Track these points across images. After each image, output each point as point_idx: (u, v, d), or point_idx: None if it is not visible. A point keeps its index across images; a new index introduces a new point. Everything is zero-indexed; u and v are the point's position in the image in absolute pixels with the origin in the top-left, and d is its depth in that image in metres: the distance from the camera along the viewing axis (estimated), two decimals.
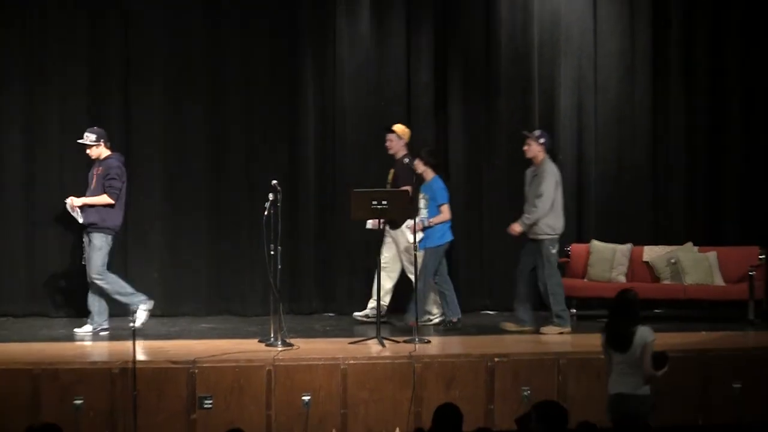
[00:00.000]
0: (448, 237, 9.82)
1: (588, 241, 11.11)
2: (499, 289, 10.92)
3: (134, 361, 7.57)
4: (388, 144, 10.32)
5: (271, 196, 8.72)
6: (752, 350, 8.74)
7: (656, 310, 11.00)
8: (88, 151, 9.63)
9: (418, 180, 9.89)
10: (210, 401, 7.84)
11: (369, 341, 8.86)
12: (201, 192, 10.94)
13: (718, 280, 10.61)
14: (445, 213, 9.81)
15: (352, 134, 11.11)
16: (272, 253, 8.72)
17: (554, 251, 9.59)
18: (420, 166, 9.87)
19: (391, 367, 8.12)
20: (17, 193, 10.68)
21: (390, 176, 10.29)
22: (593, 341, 9.06)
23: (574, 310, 10.76)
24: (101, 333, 9.47)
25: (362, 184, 9.89)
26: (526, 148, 9.70)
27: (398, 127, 10.35)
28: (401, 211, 9.15)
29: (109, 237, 9.49)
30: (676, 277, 10.64)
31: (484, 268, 11.17)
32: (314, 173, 11.09)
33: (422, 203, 9.85)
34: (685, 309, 10.72)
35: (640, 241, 11.04)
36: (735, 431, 8.24)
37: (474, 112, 11.31)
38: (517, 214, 9.72)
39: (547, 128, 11.33)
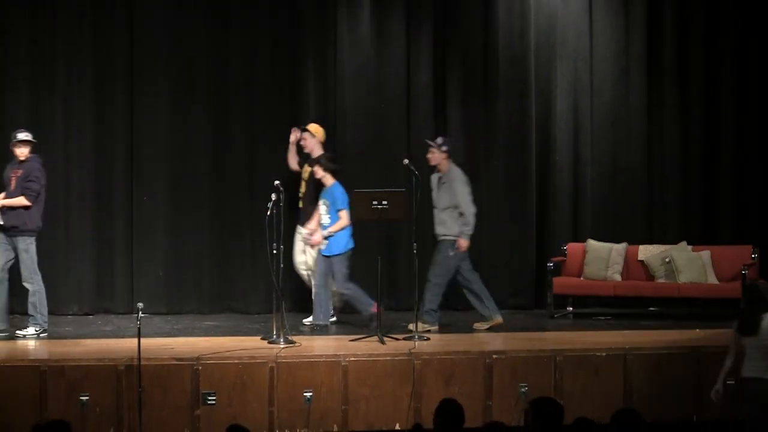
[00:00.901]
0: (351, 244, 9.71)
1: (584, 241, 11.21)
2: (498, 287, 10.97)
3: (139, 358, 7.61)
4: (302, 143, 10.37)
5: (273, 196, 8.80)
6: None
7: (651, 308, 11.11)
8: (18, 149, 9.33)
9: (319, 185, 9.88)
10: (213, 397, 7.91)
11: (369, 338, 8.92)
12: (204, 192, 11.00)
13: (712, 279, 10.69)
14: (344, 219, 9.66)
15: (352, 134, 11.20)
16: (274, 252, 8.79)
17: (452, 254, 9.53)
18: (319, 172, 9.81)
19: (392, 363, 8.18)
20: None
21: (307, 174, 10.24)
22: (589, 338, 9.26)
23: (571, 308, 10.91)
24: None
25: (362, 184, 9.95)
26: (429, 156, 9.70)
27: (312, 126, 10.37)
28: (401, 210, 9.11)
29: (32, 239, 9.35)
30: (670, 276, 10.72)
31: (483, 267, 11.22)
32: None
33: (323, 209, 9.82)
34: (679, 307, 10.81)
35: (635, 240, 11.12)
36: (729, 428, 8.35)
37: (473, 114, 11.37)
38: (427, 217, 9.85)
39: (544, 130, 11.50)
